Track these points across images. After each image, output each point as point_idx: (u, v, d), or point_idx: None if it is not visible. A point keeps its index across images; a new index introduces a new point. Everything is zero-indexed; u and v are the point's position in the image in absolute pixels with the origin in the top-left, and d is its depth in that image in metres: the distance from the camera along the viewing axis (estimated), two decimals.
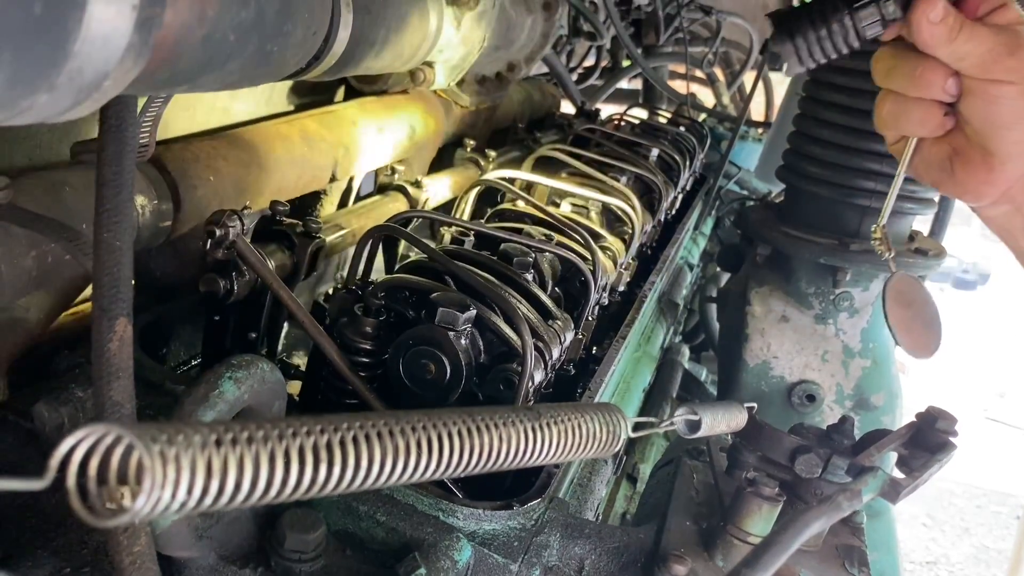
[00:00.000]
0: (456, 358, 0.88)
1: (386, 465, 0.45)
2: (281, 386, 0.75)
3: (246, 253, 0.87)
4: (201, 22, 0.50)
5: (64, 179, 0.85)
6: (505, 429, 0.54)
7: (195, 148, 1.01)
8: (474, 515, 0.79)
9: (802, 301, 1.58)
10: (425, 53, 1.30)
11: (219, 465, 0.38)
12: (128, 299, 0.66)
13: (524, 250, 1.10)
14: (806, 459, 0.81)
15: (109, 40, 0.42)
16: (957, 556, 5.11)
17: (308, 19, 0.63)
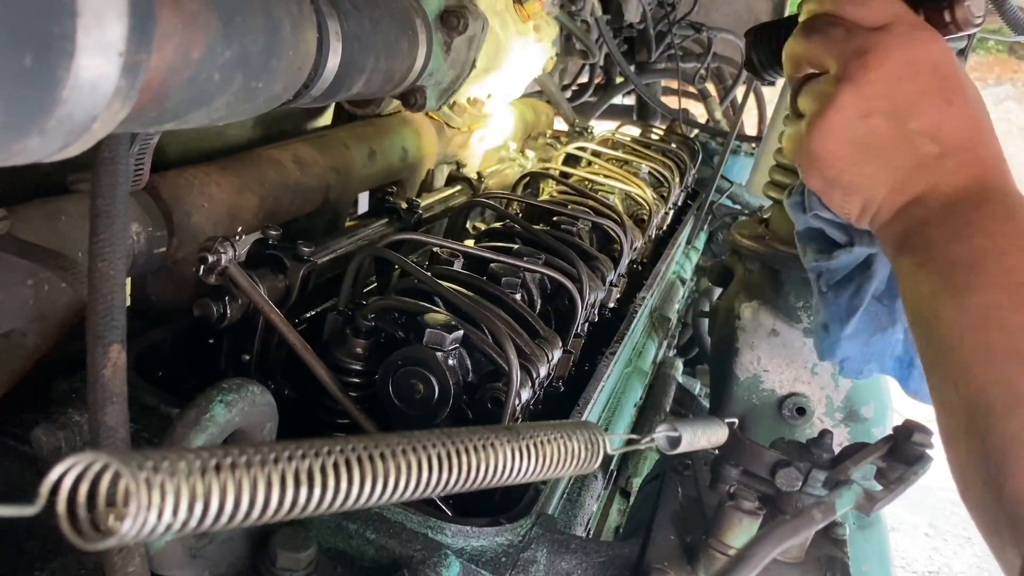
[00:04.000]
0: (444, 378, 0.90)
1: (367, 487, 0.47)
2: (272, 408, 0.77)
3: (238, 278, 0.89)
4: (186, 64, 0.52)
5: (61, 208, 0.87)
6: (485, 450, 0.56)
7: (188, 175, 1.03)
8: (462, 532, 0.81)
9: (791, 315, 1.60)
10: (415, 78, 1.32)
11: (203, 490, 0.40)
12: (122, 326, 0.68)
13: (512, 270, 1.12)
14: (786, 473, 0.83)
15: (97, 86, 0.45)
16: (960, 565, 5.10)
17: (293, 55, 0.66)
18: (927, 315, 0.71)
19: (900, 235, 0.78)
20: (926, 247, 0.74)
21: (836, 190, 0.84)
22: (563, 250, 1.25)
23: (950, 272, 0.69)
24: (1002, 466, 0.57)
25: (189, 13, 0.51)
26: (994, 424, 0.59)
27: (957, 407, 0.64)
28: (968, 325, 0.66)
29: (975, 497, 0.63)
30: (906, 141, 0.77)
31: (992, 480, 0.59)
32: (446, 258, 1.14)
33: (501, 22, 1.63)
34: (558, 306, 1.26)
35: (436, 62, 1.38)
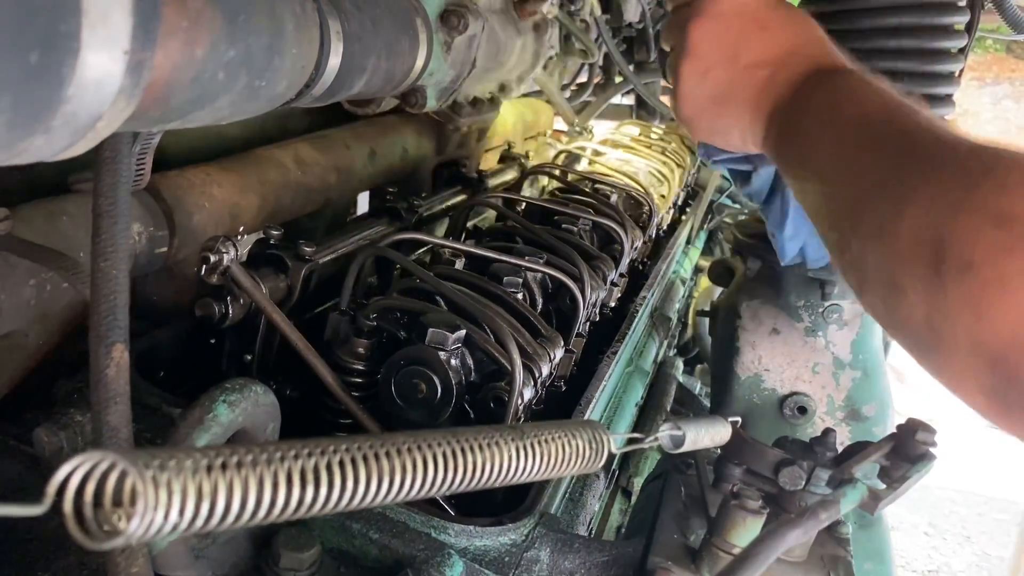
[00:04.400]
0: (446, 377, 0.90)
1: (371, 486, 0.47)
2: (274, 408, 0.77)
3: (240, 278, 0.89)
4: (190, 63, 0.52)
5: (62, 208, 0.87)
6: (489, 448, 0.56)
7: (190, 175, 1.03)
8: (465, 532, 0.81)
9: (792, 314, 1.60)
10: (416, 77, 1.32)
11: (209, 488, 0.40)
12: (124, 326, 0.68)
13: (514, 269, 1.12)
14: (789, 472, 0.83)
15: (102, 84, 0.45)
16: (959, 564, 5.10)
17: (296, 54, 0.66)
18: (802, 193, 0.83)
19: (773, 146, 0.90)
20: (788, 145, 0.87)
21: (715, 135, 0.99)
22: (564, 249, 1.25)
23: (800, 156, 0.83)
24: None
25: (193, 11, 0.51)
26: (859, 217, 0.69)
27: (830, 242, 0.75)
28: (831, 184, 0.76)
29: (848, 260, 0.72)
30: (743, 76, 0.91)
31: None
32: (448, 258, 1.14)
33: (501, 21, 1.63)
34: (559, 305, 1.26)
35: (436, 62, 1.38)
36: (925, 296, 0.59)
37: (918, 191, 0.62)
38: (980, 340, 0.54)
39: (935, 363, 0.62)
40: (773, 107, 0.88)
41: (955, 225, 0.57)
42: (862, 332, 1.61)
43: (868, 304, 0.70)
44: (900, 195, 0.63)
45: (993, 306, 0.53)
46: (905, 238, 0.61)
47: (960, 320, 0.55)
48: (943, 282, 0.57)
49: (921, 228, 0.60)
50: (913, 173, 0.64)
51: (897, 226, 0.62)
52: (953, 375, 0.60)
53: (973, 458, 6.06)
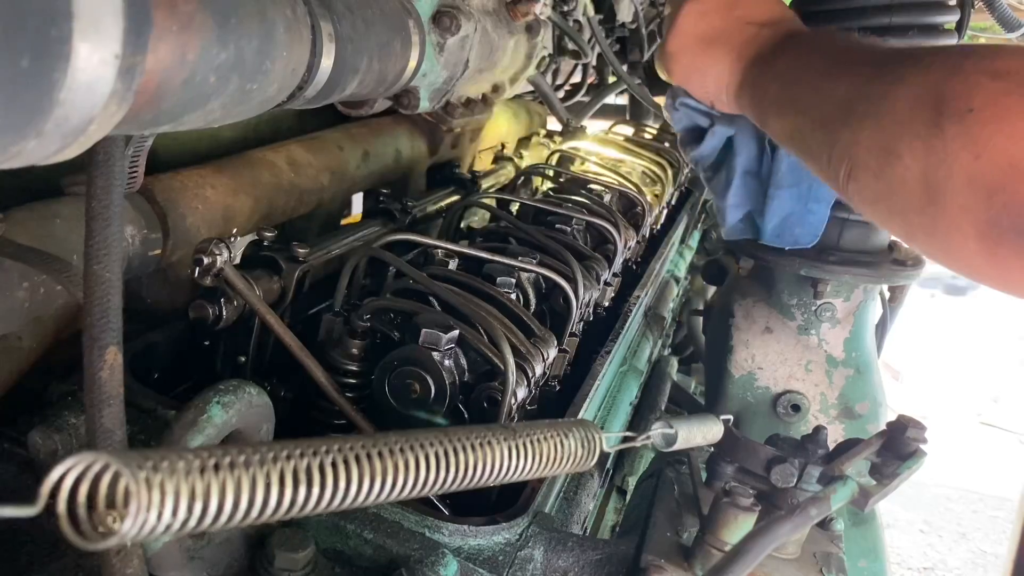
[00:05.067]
0: (440, 378, 0.90)
1: (364, 486, 0.47)
2: (268, 409, 0.77)
3: (234, 280, 0.89)
4: (182, 66, 0.52)
5: (55, 211, 0.87)
6: (482, 448, 0.56)
7: (183, 177, 1.03)
8: (459, 531, 0.81)
9: (785, 312, 1.60)
10: (409, 78, 1.32)
11: (202, 489, 0.40)
12: (118, 328, 0.68)
13: (507, 269, 1.13)
14: (781, 469, 0.83)
15: (93, 88, 0.45)
16: (954, 561, 5.12)
17: (287, 57, 0.66)
18: (780, 122, 0.91)
19: (749, 89, 0.98)
20: (763, 93, 0.95)
21: (693, 75, 1.07)
22: (557, 249, 1.25)
23: (779, 88, 0.91)
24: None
25: (184, 15, 0.51)
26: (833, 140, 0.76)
27: (817, 153, 0.80)
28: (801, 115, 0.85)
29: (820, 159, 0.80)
30: (735, 25, 1.02)
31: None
32: (441, 259, 1.15)
33: (494, 22, 1.63)
34: (553, 305, 1.27)
35: (429, 63, 1.38)
36: (923, 151, 0.63)
37: (913, 68, 0.67)
38: (978, 175, 0.58)
39: (929, 218, 0.65)
40: (754, 55, 0.97)
41: (953, 83, 0.62)
42: (855, 330, 1.62)
43: (857, 191, 0.74)
44: (896, 75, 0.68)
45: (991, 140, 0.58)
46: (903, 106, 0.65)
47: (958, 161, 0.60)
48: (942, 132, 0.61)
49: (919, 94, 0.64)
50: (904, 60, 0.70)
51: (895, 98, 0.67)
52: (948, 223, 0.63)
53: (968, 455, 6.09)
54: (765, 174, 1.25)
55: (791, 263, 1.53)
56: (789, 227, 1.27)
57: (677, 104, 1.16)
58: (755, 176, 1.24)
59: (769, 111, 0.93)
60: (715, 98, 1.06)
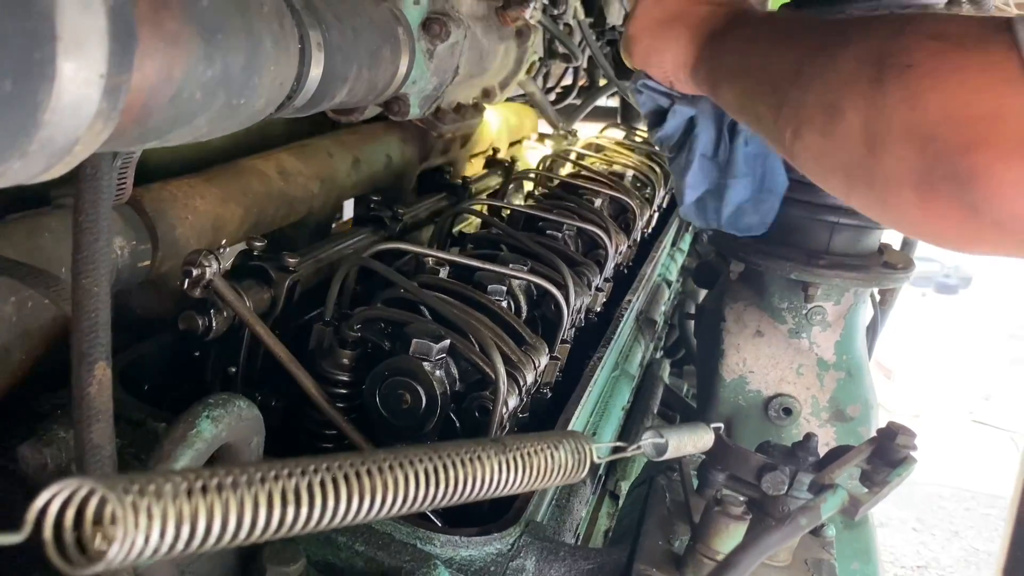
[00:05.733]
0: (431, 388, 0.90)
1: (353, 505, 0.47)
2: (258, 422, 0.77)
3: (223, 291, 0.89)
4: (168, 83, 0.52)
5: (43, 224, 0.87)
6: (472, 463, 0.56)
7: (172, 188, 1.03)
8: (451, 542, 0.81)
9: (776, 316, 1.61)
10: (398, 86, 1.32)
11: (189, 512, 0.40)
12: (106, 343, 0.68)
13: (498, 277, 1.13)
14: (772, 477, 0.83)
15: (79, 108, 0.45)
16: (947, 559, 5.13)
17: (274, 71, 0.66)
18: (732, 90, 0.95)
19: (705, 63, 1.02)
20: (717, 66, 1.00)
21: (652, 56, 1.11)
22: (548, 256, 1.25)
23: (734, 58, 0.96)
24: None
25: (170, 32, 0.51)
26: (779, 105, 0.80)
27: (766, 116, 0.85)
28: (751, 85, 0.89)
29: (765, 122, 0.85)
30: (691, 7, 1.06)
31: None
32: (432, 266, 1.15)
33: (483, 28, 1.64)
34: (544, 312, 1.27)
35: (419, 70, 1.38)
36: (864, 106, 0.67)
37: (860, 31, 0.72)
38: (914, 126, 0.62)
39: (868, 171, 0.68)
40: (709, 32, 1.01)
41: (896, 42, 0.66)
42: (845, 333, 1.62)
43: (803, 148, 0.77)
44: (843, 39, 0.73)
45: (927, 94, 0.62)
46: (847, 65, 0.70)
47: (896, 114, 0.64)
48: (883, 87, 0.65)
49: (863, 53, 0.68)
50: (851, 25, 0.74)
51: (840, 57, 0.71)
52: (886, 174, 0.66)
53: (960, 454, 6.11)
54: (722, 160, 1.30)
55: (781, 267, 1.54)
56: (742, 215, 1.32)
57: (639, 86, 1.21)
58: (712, 160, 1.29)
59: (722, 82, 0.97)
60: (674, 77, 1.10)
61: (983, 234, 0.63)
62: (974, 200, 0.60)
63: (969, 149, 0.59)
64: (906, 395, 6.86)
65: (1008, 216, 0.60)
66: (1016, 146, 0.57)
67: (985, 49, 0.60)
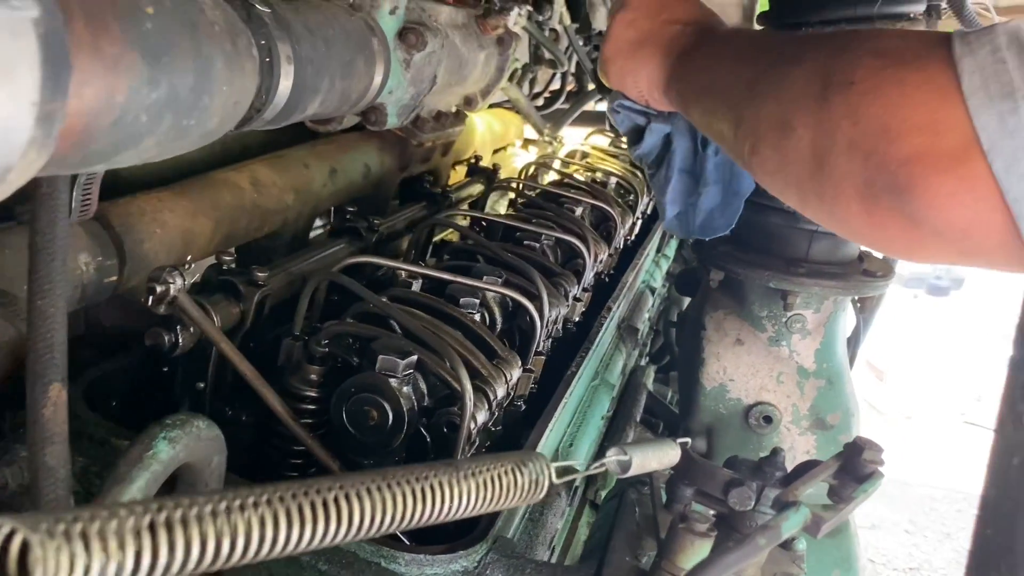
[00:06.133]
0: (398, 404, 0.90)
1: (293, 536, 0.47)
2: (219, 441, 0.76)
3: (188, 308, 0.88)
4: (109, 108, 0.52)
5: (4, 241, 0.86)
6: (419, 486, 0.56)
7: (141, 202, 1.02)
8: (416, 560, 0.81)
9: (756, 324, 1.61)
10: (374, 96, 1.32)
11: (115, 548, 0.40)
12: (62, 364, 0.67)
13: (470, 290, 1.12)
14: (739, 492, 0.83)
15: (9, 136, 0.44)
16: (939, 561, 5.14)
17: (227, 91, 0.65)
18: (700, 108, 0.97)
19: (677, 81, 1.04)
20: (686, 84, 1.02)
21: (626, 77, 1.14)
22: (523, 267, 1.25)
23: (699, 76, 0.98)
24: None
25: (109, 57, 0.51)
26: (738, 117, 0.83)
27: (727, 132, 0.87)
28: (716, 102, 0.91)
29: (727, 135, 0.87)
30: (661, 27, 1.08)
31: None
32: (405, 279, 1.14)
33: (463, 36, 1.63)
34: (520, 323, 1.26)
35: (395, 79, 1.37)
36: (812, 122, 0.69)
37: (807, 51, 0.75)
38: (856, 140, 0.65)
39: (818, 184, 0.70)
40: (679, 51, 1.04)
41: (840, 60, 0.69)
42: (826, 341, 1.62)
43: (759, 163, 0.79)
44: (793, 57, 0.76)
45: (868, 109, 0.64)
46: (797, 83, 0.72)
47: (840, 129, 0.66)
48: (828, 103, 0.67)
49: (811, 71, 0.71)
50: (802, 45, 0.77)
51: (790, 75, 0.74)
52: (833, 188, 0.69)
53: (952, 455, 6.12)
54: (698, 172, 1.33)
55: (761, 275, 1.54)
56: (712, 219, 1.35)
57: (616, 106, 1.24)
58: (690, 174, 1.32)
59: (690, 100, 0.99)
60: (648, 96, 1.13)
61: (925, 243, 0.65)
62: (913, 211, 0.62)
63: (907, 161, 0.61)
64: (898, 397, 6.88)
65: (945, 226, 0.62)
66: (950, 158, 0.59)
67: (923, 65, 0.62)
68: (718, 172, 1.28)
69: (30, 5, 0.43)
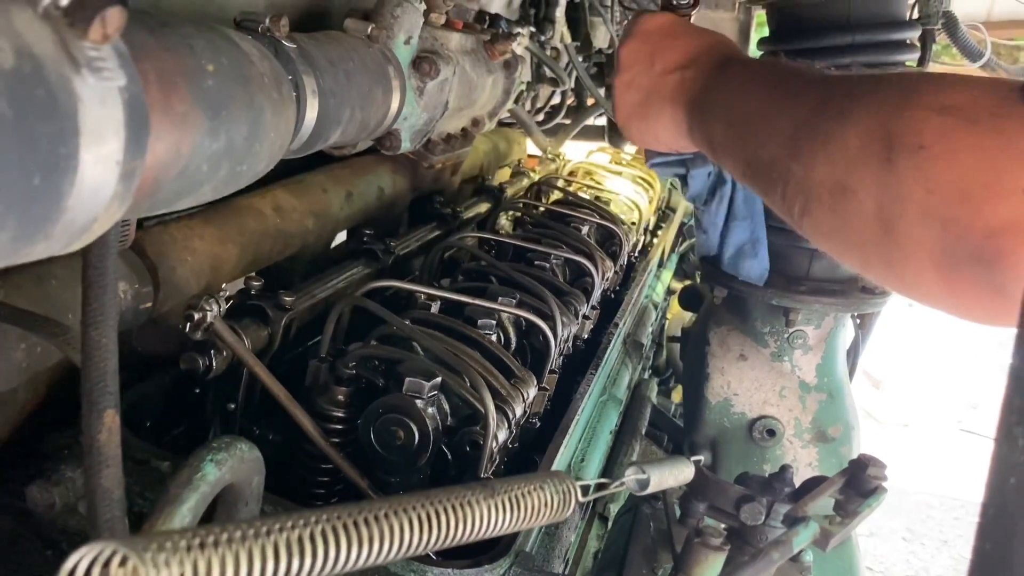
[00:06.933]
0: (423, 424, 0.94)
1: (353, 553, 0.51)
2: (259, 463, 0.80)
3: (223, 334, 0.93)
4: (176, 160, 0.56)
5: (50, 272, 0.90)
6: (463, 509, 0.60)
7: (172, 230, 1.07)
8: (444, 574, 0.85)
9: (759, 340, 1.65)
10: (390, 123, 1.36)
11: (204, 566, 0.44)
12: (115, 391, 0.71)
13: (487, 312, 1.17)
14: (750, 508, 0.88)
15: (97, 193, 0.49)
16: (937, 568, 5.17)
17: (274, 137, 0.70)
18: (733, 159, 0.91)
19: (698, 129, 1.00)
20: (710, 123, 0.97)
21: (647, 136, 1.12)
22: (536, 288, 1.29)
23: (724, 124, 0.92)
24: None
25: (178, 115, 0.55)
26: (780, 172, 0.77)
27: (769, 188, 0.82)
28: (740, 142, 0.87)
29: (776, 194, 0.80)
30: (659, 80, 1.05)
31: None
32: (423, 301, 1.19)
33: (472, 61, 1.68)
34: (533, 342, 1.31)
35: (410, 106, 1.42)
36: (876, 188, 0.65)
37: (860, 102, 0.69)
38: (931, 208, 0.61)
39: (885, 251, 0.67)
40: (689, 98, 1.00)
41: (902, 119, 0.63)
42: (826, 356, 1.67)
43: (812, 225, 0.75)
44: (842, 110, 0.70)
45: (943, 176, 0.60)
46: (853, 142, 0.67)
47: (912, 197, 0.62)
48: (895, 168, 0.63)
49: (869, 129, 0.66)
50: (850, 93, 0.71)
51: (844, 134, 0.68)
52: (904, 256, 0.65)
53: (949, 462, 6.16)
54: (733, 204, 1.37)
55: (763, 293, 1.59)
56: (742, 258, 1.39)
57: (650, 165, 1.22)
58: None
59: (719, 152, 0.95)
60: (675, 146, 1.10)
61: (1009, 311, 0.60)
62: (1000, 282, 0.59)
63: (993, 232, 0.58)
64: (895, 405, 6.92)
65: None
66: None
67: (1001, 126, 0.59)
68: (746, 207, 1.31)
69: (118, 75, 0.48)
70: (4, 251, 0.46)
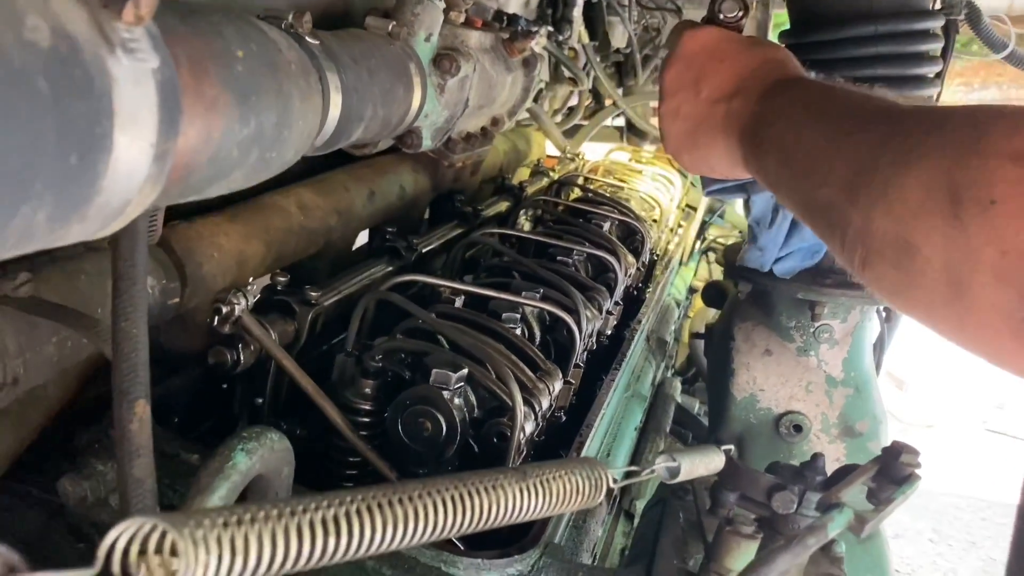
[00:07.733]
0: (450, 416, 0.94)
1: (388, 532, 0.51)
2: (289, 453, 0.81)
3: (252, 328, 0.93)
4: (207, 145, 0.57)
5: (80, 267, 0.91)
6: (494, 491, 0.60)
7: (199, 227, 1.07)
8: (474, 565, 0.85)
9: (784, 335, 1.64)
10: (411, 121, 1.37)
11: (242, 543, 0.44)
12: (145, 382, 0.72)
13: (511, 305, 1.17)
14: (781, 496, 0.87)
15: (132, 175, 0.49)
16: (965, 570, 5.10)
17: (302, 124, 0.70)
18: (790, 196, 0.84)
19: (753, 161, 0.92)
20: (765, 156, 0.89)
21: (700, 165, 1.05)
22: (560, 283, 1.29)
23: (780, 159, 0.85)
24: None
25: (210, 99, 0.56)
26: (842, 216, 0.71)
27: (827, 234, 0.76)
28: (795, 171, 0.81)
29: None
30: (706, 108, 0.98)
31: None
32: (447, 296, 1.19)
33: (491, 60, 1.68)
34: (557, 336, 1.30)
35: (431, 104, 1.43)
36: (943, 245, 0.59)
37: (923, 146, 0.62)
38: (1007, 272, 0.55)
39: (955, 313, 0.61)
40: (740, 128, 0.92)
41: (969, 169, 0.57)
42: (853, 350, 1.65)
43: (874, 278, 0.69)
44: (902, 155, 0.64)
45: (1019, 236, 0.54)
46: (915, 193, 0.61)
47: (984, 257, 0.56)
48: (963, 224, 0.57)
49: (932, 179, 0.60)
50: (912, 134, 0.65)
51: (904, 184, 0.62)
52: (977, 320, 0.59)
53: (975, 463, 6.08)
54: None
55: (788, 287, 1.57)
56: (795, 266, 1.42)
57: (707, 193, 1.17)
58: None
59: (775, 188, 0.88)
60: (732, 175, 1.04)
61: None
62: None
63: None
64: (919, 406, 6.85)
65: None
66: None
67: None
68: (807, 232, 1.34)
69: (151, 57, 0.48)
70: (40, 232, 0.46)
